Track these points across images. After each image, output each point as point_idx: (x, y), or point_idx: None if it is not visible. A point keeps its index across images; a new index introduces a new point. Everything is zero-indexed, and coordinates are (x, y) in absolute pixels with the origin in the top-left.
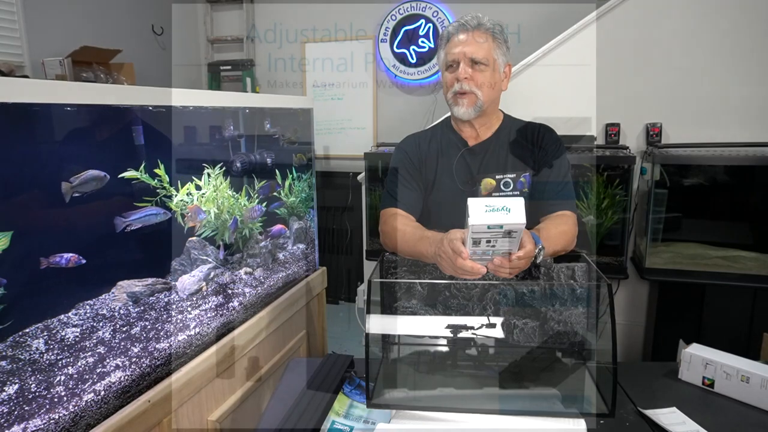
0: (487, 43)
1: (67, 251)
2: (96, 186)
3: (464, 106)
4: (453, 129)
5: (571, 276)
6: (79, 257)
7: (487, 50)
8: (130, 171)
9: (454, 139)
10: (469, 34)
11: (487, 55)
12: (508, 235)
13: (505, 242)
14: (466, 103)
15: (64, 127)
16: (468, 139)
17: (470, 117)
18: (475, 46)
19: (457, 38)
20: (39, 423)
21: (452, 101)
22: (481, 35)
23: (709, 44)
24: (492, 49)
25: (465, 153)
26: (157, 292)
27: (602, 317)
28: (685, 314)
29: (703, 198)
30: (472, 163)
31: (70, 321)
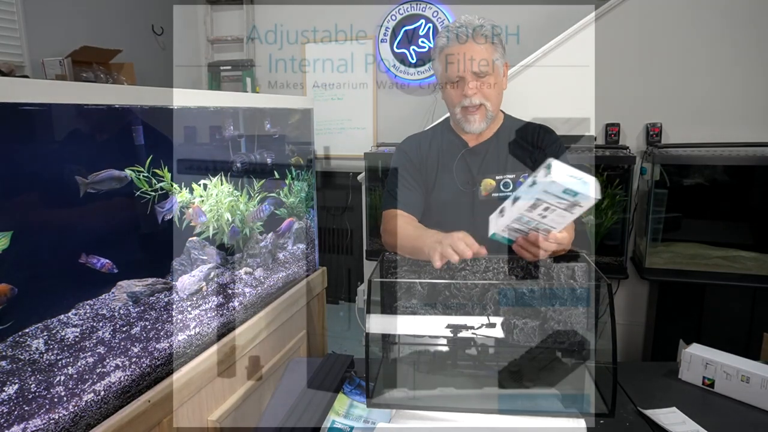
0: (487, 49)
1: (67, 251)
2: (114, 185)
3: (476, 122)
4: (452, 130)
5: (571, 276)
6: (112, 265)
7: (487, 58)
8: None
9: (454, 140)
10: (468, 45)
11: (488, 62)
12: (570, 209)
13: (558, 217)
14: (477, 118)
15: (65, 126)
16: (468, 140)
17: (482, 130)
18: (476, 58)
19: (455, 50)
20: (39, 423)
21: (461, 116)
22: (479, 42)
23: (709, 44)
24: (491, 54)
25: (465, 153)
26: (157, 292)
27: (602, 317)
28: (685, 314)
29: (703, 198)
30: (472, 164)
31: (70, 321)
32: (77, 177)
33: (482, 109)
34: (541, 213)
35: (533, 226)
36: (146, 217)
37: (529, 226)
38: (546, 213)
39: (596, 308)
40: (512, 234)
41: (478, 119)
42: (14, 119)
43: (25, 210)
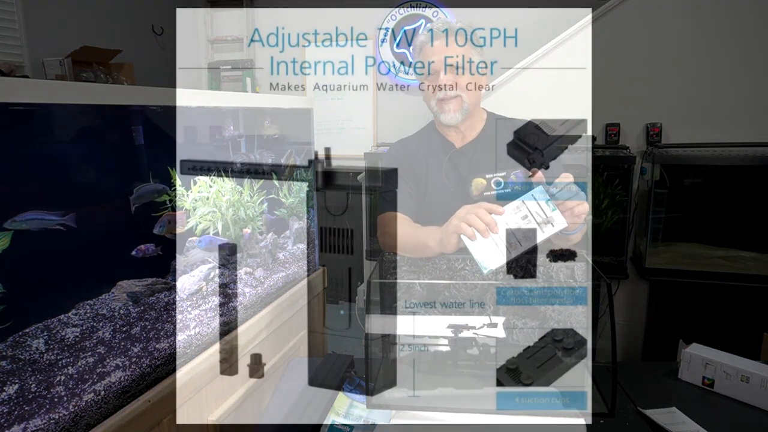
0: (464, 48)
1: (67, 251)
2: (154, 198)
3: (451, 112)
4: (438, 133)
5: (571, 276)
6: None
7: (463, 54)
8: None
9: (440, 143)
10: (442, 40)
11: (463, 60)
12: (542, 226)
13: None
14: (452, 108)
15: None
16: (454, 142)
17: (458, 121)
18: (451, 51)
19: (431, 46)
20: (39, 423)
21: (437, 108)
22: (458, 42)
23: (709, 44)
24: (468, 52)
25: (453, 155)
26: (157, 292)
27: (602, 317)
28: (685, 314)
29: (703, 198)
30: (460, 165)
31: (70, 321)
32: (130, 197)
33: (458, 100)
34: (519, 222)
35: (503, 236)
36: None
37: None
38: (522, 223)
39: (596, 308)
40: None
41: (452, 108)
42: (14, 119)
43: (25, 210)
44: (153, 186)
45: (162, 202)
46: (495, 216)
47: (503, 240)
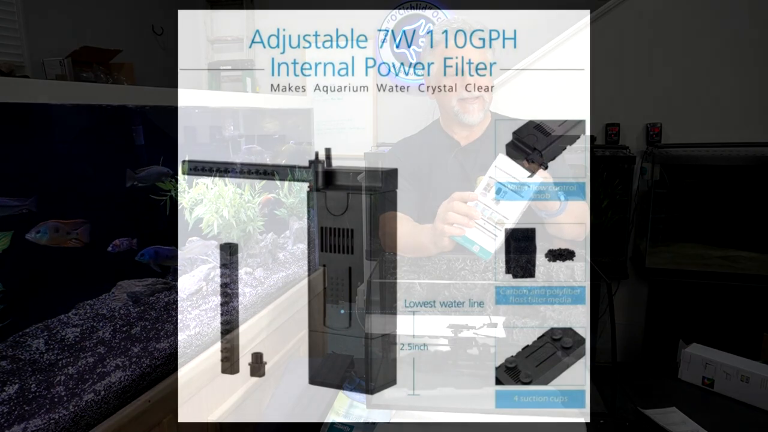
0: (484, 52)
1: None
2: (158, 180)
3: (474, 112)
4: (444, 131)
5: (571, 276)
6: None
7: (483, 53)
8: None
9: (445, 141)
10: (467, 39)
11: (485, 59)
12: (519, 191)
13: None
14: (476, 108)
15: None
16: (460, 140)
17: (479, 120)
18: (476, 52)
19: (454, 43)
20: (39, 423)
21: (460, 108)
22: (477, 39)
23: (709, 45)
24: (487, 56)
25: (458, 153)
26: (157, 292)
27: (602, 317)
28: (685, 314)
29: (703, 198)
30: (465, 163)
31: (70, 321)
32: (128, 169)
33: (480, 100)
34: (495, 196)
35: (488, 216)
36: (147, 216)
37: (484, 216)
38: (500, 196)
39: (596, 308)
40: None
41: (476, 109)
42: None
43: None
44: (159, 168)
45: (167, 189)
46: (471, 203)
47: (490, 220)
